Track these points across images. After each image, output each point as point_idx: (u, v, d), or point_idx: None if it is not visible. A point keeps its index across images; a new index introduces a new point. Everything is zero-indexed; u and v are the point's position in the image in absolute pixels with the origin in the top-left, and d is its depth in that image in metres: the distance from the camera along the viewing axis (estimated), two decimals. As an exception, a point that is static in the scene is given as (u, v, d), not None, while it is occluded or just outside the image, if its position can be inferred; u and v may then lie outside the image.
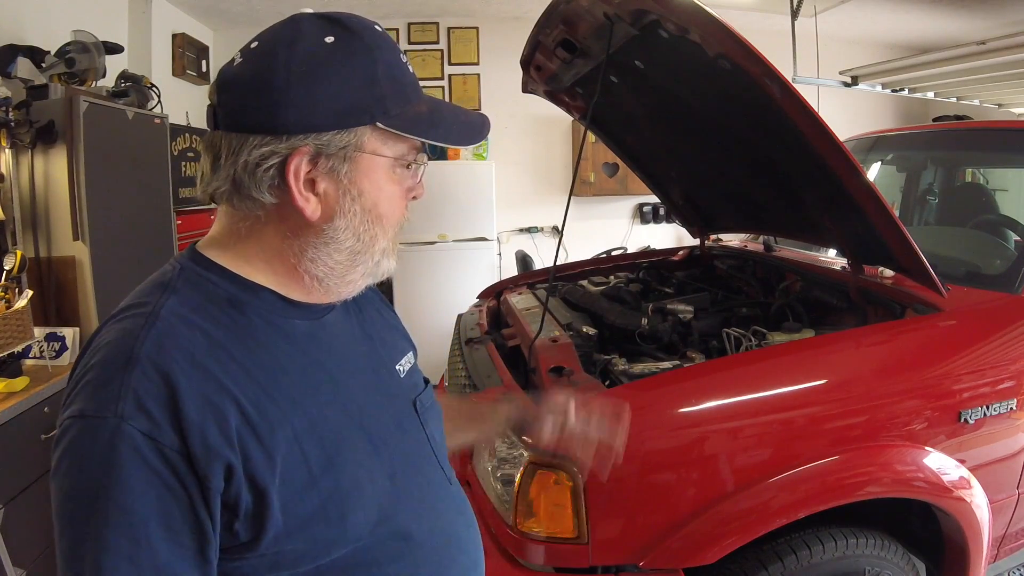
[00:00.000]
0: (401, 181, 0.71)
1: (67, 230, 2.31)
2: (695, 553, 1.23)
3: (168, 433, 0.56)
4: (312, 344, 0.70)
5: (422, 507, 0.75)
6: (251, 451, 0.60)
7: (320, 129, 0.64)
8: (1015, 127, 2.29)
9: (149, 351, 0.58)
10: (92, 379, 0.59)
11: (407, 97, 0.68)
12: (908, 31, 4.77)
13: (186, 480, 0.57)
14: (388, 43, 0.69)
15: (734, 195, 2.29)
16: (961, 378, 1.42)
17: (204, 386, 0.59)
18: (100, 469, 0.55)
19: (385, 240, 0.71)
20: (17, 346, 2.03)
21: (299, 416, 0.65)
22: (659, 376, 1.44)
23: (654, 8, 1.40)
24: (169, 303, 0.63)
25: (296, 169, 0.64)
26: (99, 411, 0.56)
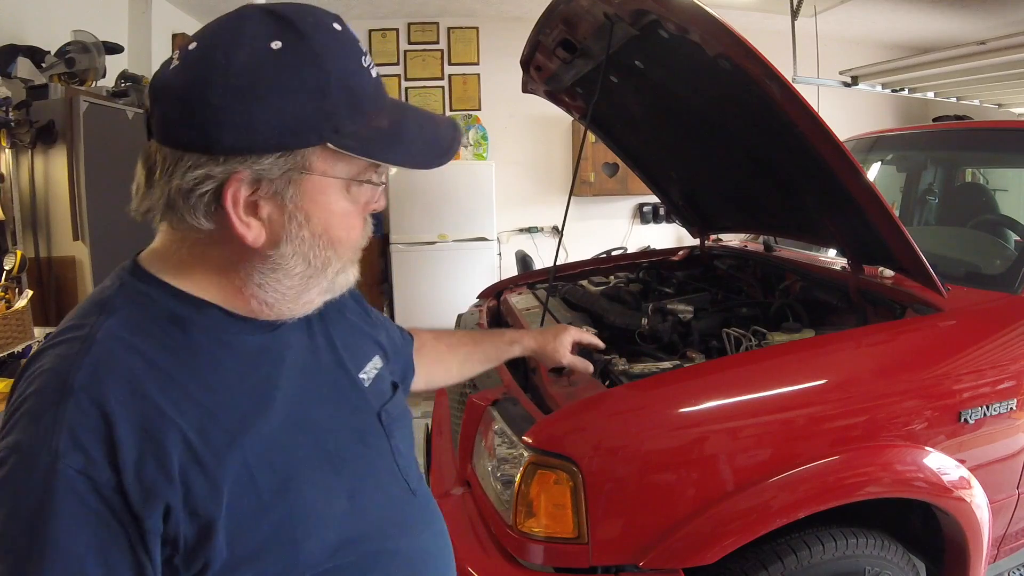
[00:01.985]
0: (356, 200, 0.65)
1: (67, 230, 2.31)
2: (695, 553, 1.23)
3: (104, 471, 0.53)
4: (264, 359, 0.65)
5: (386, 524, 0.71)
6: (194, 484, 0.56)
7: (261, 151, 0.57)
8: (1015, 127, 2.29)
9: (84, 381, 0.54)
10: (27, 410, 0.55)
11: (364, 110, 0.61)
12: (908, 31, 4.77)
13: (123, 518, 0.53)
14: (346, 46, 0.61)
15: (734, 195, 2.29)
16: (961, 378, 1.42)
17: (143, 418, 0.55)
18: (35, 506, 0.52)
19: (340, 261, 0.66)
20: (17, 346, 2.03)
21: (250, 438, 0.60)
22: (659, 376, 1.44)
23: (654, 8, 1.40)
24: (107, 324, 0.58)
25: (234, 195, 0.58)
26: (33, 446, 0.53)
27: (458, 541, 1.40)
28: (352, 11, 4.77)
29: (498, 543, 1.33)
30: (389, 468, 0.75)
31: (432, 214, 4.42)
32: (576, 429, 1.27)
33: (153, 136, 0.60)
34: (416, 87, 5.06)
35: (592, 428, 1.27)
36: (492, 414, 1.44)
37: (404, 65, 5.03)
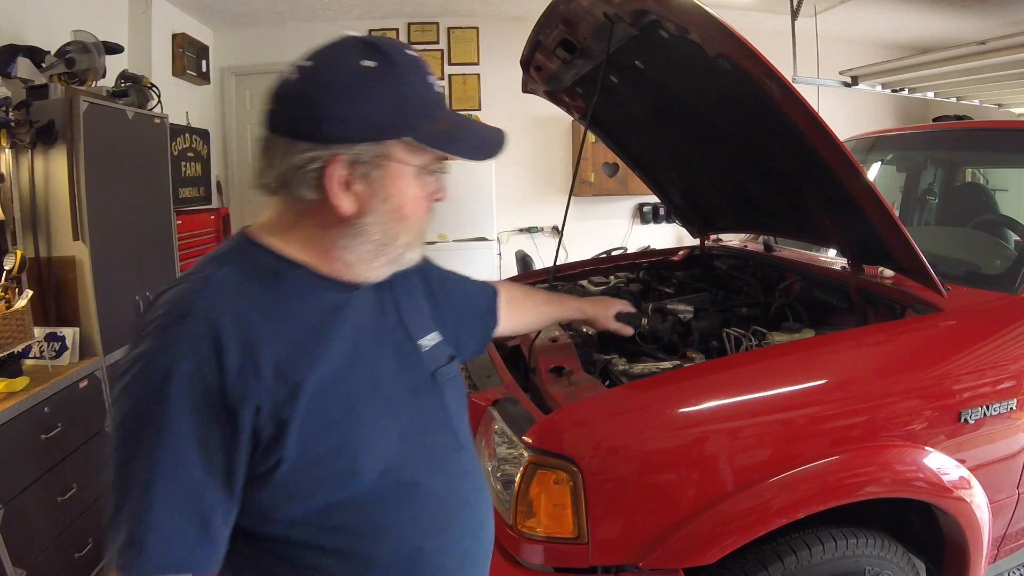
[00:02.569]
0: (425, 186, 0.82)
1: (67, 230, 2.31)
2: (695, 553, 1.23)
3: (212, 373, 0.69)
4: (340, 314, 0.82)
5: (429, 465, 0.85)
6: (278, 393, 0.72)
7: (356, 141, 0.75)
8: (1015, 127, 2.29)
9: (201, 306, 0.72)
10: (154, 328, 0.71)
11: (431, 114, 0.79)
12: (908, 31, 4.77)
13: (222, 413, 0.70)
14: (417, 67, 0.80)
15: (734, 195, 2.29)
16: (961, 378, 1.42)
17: (244, 337, 0.72)
18: (155, 397, 0.68)
19: (408, 236, 0.82)
20: (17, 346, 2.03)
21: (323, 371, 0.76)
22: (659, 376, 1.44)
23: (654, 8, 1.40)
24: (220, 272, 0.76)
25: (333, 173, 0.75)
26: (158, 352, 0.70)
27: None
28: (352, 11, 4.77)
29: (498, 543, 1.33)
30: (439, 420, 0.90)
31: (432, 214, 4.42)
32: (576, 429, 1.27)
33: (273, 129, 0.77)
34: (416, 87, 5.06)
35: (592, 428, 1.27)
36: (492, 414, 1.44)
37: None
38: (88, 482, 2.22)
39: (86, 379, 2.27)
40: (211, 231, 3.56)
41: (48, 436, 2.02)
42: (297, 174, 0.75)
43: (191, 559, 0.70)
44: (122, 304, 2.57)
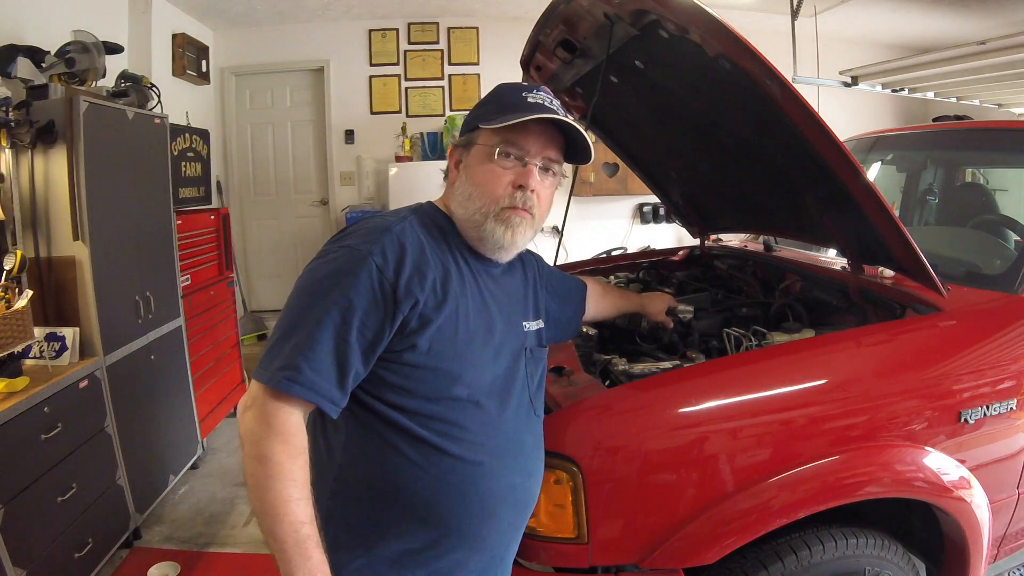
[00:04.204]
0: (501, 165, 1.06)
1: (67, 230, 2.31)
2: (695, 553, 1.23)
3: (391, 270, 0.98)
4: (480, 276, 1.11)
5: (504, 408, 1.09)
6: (431, 299, 1.00)
7: (463, 133, 1.13)
8: (1015, 127, 2.29)
9: (397, 229, 1.03)
10: (363, 232, 1.03)
11: (505, 111, 1.05)
12: (908, 31, 4.77)
13: (390, 303, 0.97)
14: (518, 87, 1.11)
15: (734, 195, 2.29)
16: (961, 378, 1.42)
17: (418, 258, 1.01)
18: (349, 271, 0.97)
19: (480, 202, 1.07)
20: (17, 346, 2.03)
21: (462, 305, 1.04)
22: (659, 376, 1.44)
23: (654, 8, 1.40)
24: (411, 217, 1.09)
25: (452, 154, 1.15)
26: (360, 246, 0.99)
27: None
28: (352, 11, 4.77)
29: (498, 543, 1.33)
30: (522, 382, 1.15)
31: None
32: (576, 429, 1.27)
33: None
34: (416, 87, 5.06)
35: (592, 428, 1.27)
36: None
37: (404, 65, 5.03)
38: (88, 482, 2.22)
39: (86, 379, 2.27)
40: (211, 231, 3.56)
41: (48, 436, 2.02)
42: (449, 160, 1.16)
43: (326, 394, 0.94)
44: (122, 304, 2.57)
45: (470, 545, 1.05)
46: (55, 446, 2.06)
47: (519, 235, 1.08)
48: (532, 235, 1.12)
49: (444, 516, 1.02)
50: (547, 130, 1.08)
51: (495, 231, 1.06)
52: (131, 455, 2.50)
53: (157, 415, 2.82)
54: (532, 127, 1.05)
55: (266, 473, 0.90)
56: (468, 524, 1.04)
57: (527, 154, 1.06)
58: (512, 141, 1.05)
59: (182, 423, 3.06)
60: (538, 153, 1.07)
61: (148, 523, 2.70)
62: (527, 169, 1.06)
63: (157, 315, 2.81)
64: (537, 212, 1.09)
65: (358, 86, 5.00)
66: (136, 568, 2.42)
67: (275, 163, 5.20)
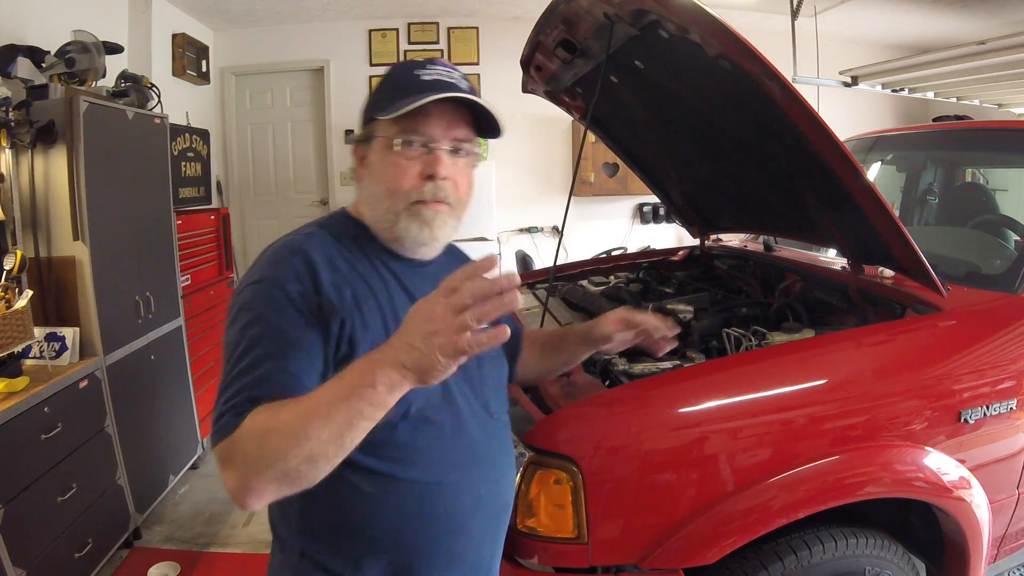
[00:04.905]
0: (404, 155, 0.95)
1: (67, 230, 2.30)
2: (695, 553, 1.23)
3: (311, 293, 0.89)
4: (408, 282, 1.00)
5: (457, 417, 0.99)
6: (354, 320, 0.91)
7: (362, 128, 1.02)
8: (1015, 127, 2.29)
9: (305, 248, 0.93)
10: (266, 261, 0.93)
11: (398, 95, 0.94)
12: (908, 31, 4.77)
13: (321, 324, 0.88)
14: (406, 66, 1.00)
15: (734, 195, 2.29)
16: (961, 378, 1.42)
17: (333, 276, 0.92)
18: (267, 307, 0.87)
19: (389, 200, 0.97)
20: (17, 346, 2.03)
21: (388, 315, 0.95)
22: (659, 376, 1.44)
23: (654, 8, 1.40)
24: (320, 232, 0.99)
25: (354, 151, 1.04)
26: (268, 277, 0.90)
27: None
28: (352, 11, 4.76)
29: (498, 543, 1.33)
30: (473, 386, 1.04)
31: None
32: (576, 429, 1.27)
33: None
34: (416, 87, 5.06)
35: (592, 428, 1.27)
36: (492, 414, 1.44)
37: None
38: (88, 482, 2.22)
39: (86, 379, 2.27)
40: (211, 231, 3.56)
41: (48, 436, 2.02)
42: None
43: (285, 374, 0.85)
44: (122, 304, 2.57)
45: (445, 564, 1.00)
46: (55, 446, 2.06)
47: (438, 229, 0.98)
48: (455, 225, 1.01)
49: (411, 543, 0.97)
50: (451, 108, 0.97)
51: (410, 229, 0.97)
52: (131, 455, 2.50)
53: (157, 415, 2.83)
54: (433, 108, 0.94)
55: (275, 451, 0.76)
56: (439, 545, 0.99)
57: (431, 139, 0.96)
58: (413, 128, 0.94)
59: (182, 423, 3.06)
60: (444, 136, 0.96)
61: (148, 523, 2.70)
62: (434, 156, 0.96)
63: (157, 315, 2.81)
64: (455, 200, 0.99)
65: (358, 86, 5.00)
66: (136, 568, 2.42)
67: (275, 163, 5.20)
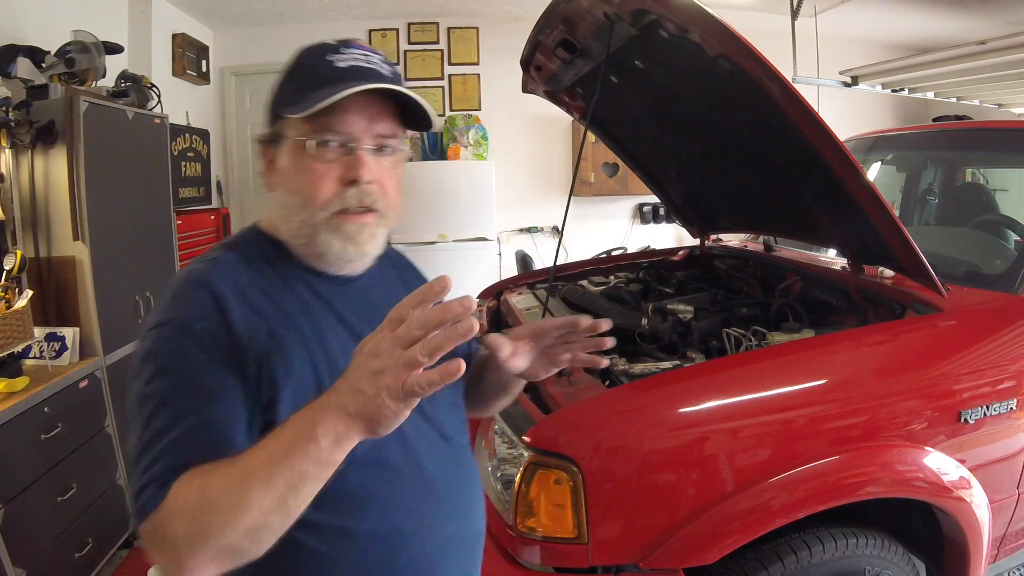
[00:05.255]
0: (320, 159, 0.82)
1: (67, 230, 2.30)
2: (695, 553, 1.23)
3: (222, 332, 0.75)
4: (336, 301, 0.87)
5: (408, 451, 0.86)
6: (272, 358, 0.77)
7: (269, 124, 0.87)
8: (1015, 127, 2.29)
9: (209, 279, 0.79)
10: (171, 296, 0.79)
11: (311, 88, 0.80)
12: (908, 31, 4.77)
13: (234, 363, 0.75)
14: (317, 49, 0.84)
15: (734, 195, 2.29)
16: (961, 378, 1.42)
17: (245, 307, 0.78)
18: (173, 355, 0.74)
19: (304, 212, 0.83)
20: (17, 346, 2.03)
21: (316, 347, 0.81)
22: (659, 376, 1.44)
23: (654, 8, 1.40)
24: (228, 255, 0.85)
25: (261, 153, 0.88)
26: (174, 319, 0.76)
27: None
28: (352, 11, 4.76)
29: (498, 543, 1.33)
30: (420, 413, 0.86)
31: (432, 214, 4.42)
32: (576, 429, 1.27)
33: None
34: (416, 87, 5.05)
35: (592, 428, 1.27)
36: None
37: (404, 65, 5.02)
38: (88, 482, 2.22)
39: (86, 379, 2.27)
40: (211, 231, 3.56)
41: (48, 436, 2.02)
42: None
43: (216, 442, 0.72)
44: (122, 304, 2.57)
45: None
46: (55, 446, 2.06)
47: (365, 243, 0.85)
48: (384, 235, 0.88)
49: None
50: (372, 99, 0.83)
51: (331, 244, 0.83)
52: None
53: (157, 415, 2.82)
54: (352, 102, 0.80)
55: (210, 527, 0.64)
56: None
57: (351, 138, 0.82)
58: (328, 126, 0.80)
59: (182, 423, 3.06)
60: (365, 132, 0.82)
61: (148, 523, 2.69)
62: (356, 157, 0.82)
63: (157, 315, 2.81)
64: (383, 205, 0.85)
65: (358, 86, 5.00)
66: (136, 568, 2.41)
67: (275, 163, 5.20)
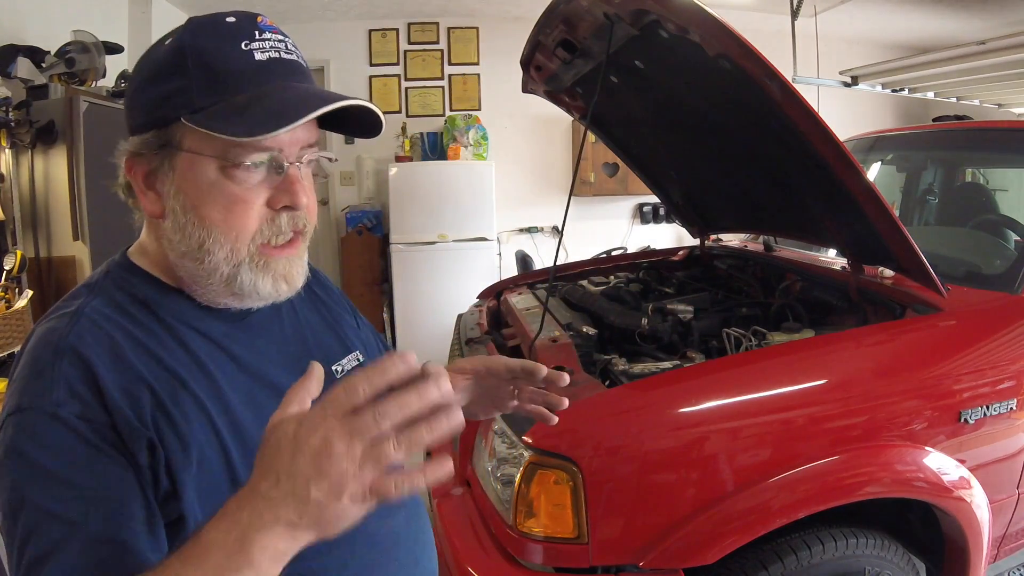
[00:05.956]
0: (243, 182, 0.64)
1: (67, 230, 2.31)
2: (695, 553, 1.23)
3: (99, 412, 0.59)
4: (232, 343, 0.71)
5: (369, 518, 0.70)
6: (166, 436, 0.61)
7: (141, 130, 0.66)
8: (1015, 127, 2.29)
9: (73, 343, 0.61)
10: (25, 375, 0.61)
11: (224, 88, 0.62)
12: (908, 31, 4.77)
13: (119, 449, 0.59)
14: (223, 32, 0.64)
15: (734, 195, 2.29)
16: (961, 378, 1.42)
17: (121, 375, 0.61)
18: (41, 451, 0.57)
19: (225, 249, 0.65)
20: (17, 346, 2.03)
21: (218, 409, 0.65)
22: (659, 376, 1.44)
23: (654, 8, 1.40)
24: (92, 303, 0.66)
25: (132, 168, 0.67)
26: (35, 402, 0.59)
27: (458, 541, 1.41)
28: (352, 11, 4.76)
29: (498, 543, 1.33)
30: None
31: (432, 214, 4.42)
32: (576, 429, 1.27)
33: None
34: (416, 87, 5.06)
35: (592, 428, 1.27)
36: (492, 414, 1.44)
37: (404, 65, 5.02)
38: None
39: (86, 379, 2.27)
40: (211, 231, 3.56)
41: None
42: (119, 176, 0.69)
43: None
44: (122, 304, 2.57)
45: None
46: (55, 446, 2.06)
47: (296, 278, 0.71)
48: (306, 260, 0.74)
49: None
50: None
51: (257, 285, 0.67)
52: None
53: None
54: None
55: None
56: None
57: (279, 152, 0.65)
58: (255, 142, 0.62)
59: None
60: (293, 143, 0.66)
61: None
62: (287, 177, 0.66)
63: (157, 315, 2.81)
64: (310, 227, 0.71)
65: (358, 86, 5.00)
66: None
67: (275, 163, 5.20)
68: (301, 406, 0.51)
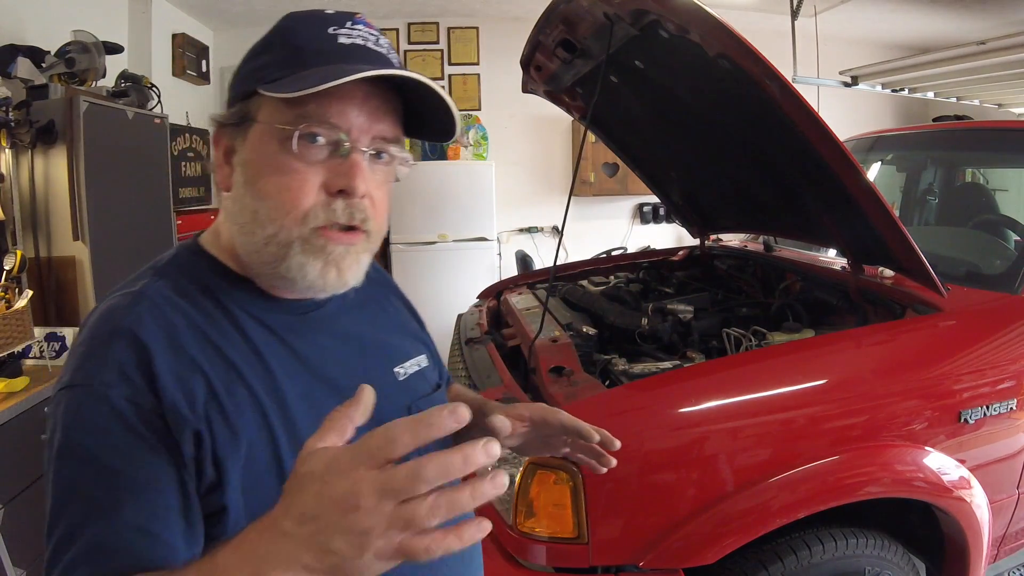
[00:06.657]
0: (303, 157, 0.63)
1: (67, 230, 2.31)
2: (695, 553, 1.23)
3: (147, 396, 0.58)
4: (294, 338, 0.70)
5: None
6: (215, 425, 0.60)
7: (229, 104, 0.68)
8: (1015, 127, 2.29)
9: (132, 324, 0.61)
10: (81, 352, 0.61)
11: (302, 63, 0.62)
12: (908, 31, 4.77)
13: (163, 437, 0.58)
14: (315, 16, 0.67)
15: (734, 195, 2.29)
16: (961, 378, 1.42)
17: (177, 361, 0.61)
18: (84, 431, 0.57)
19: (274, 225, 0.64)
20: (17, 346, 2.03)
21: (272, 403, 0.64)
22: (659, 376, 1.44)
23: (654, 8, 1.40)
24: (156, 284, 0.65)
25: (216, 141, 0.69)
26: (86, 380, 0.59)
27: (458, 541, 1.40)
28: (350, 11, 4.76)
29: (498, 543, 1.33)
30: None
31: (432, 214, 4.42)
32: (576, 429, 1.27)
33: None
34: (416, 87, 5.07)
35: (592, 428, 1.27)
36: (492, 414, 1.44)
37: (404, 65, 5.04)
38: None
39: (86, 379, 2.27)
40: (211, 231, 3.56)
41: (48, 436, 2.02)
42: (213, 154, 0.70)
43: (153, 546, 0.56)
44: (122, 304, 2.57)
45: None
46: (55, 446, 2.06)
47: (348, 271, 0.67)
48: (368, 263, 0.71)
49: None
50: (378, 91, 0.66)
51: (306, 269, 0.65)
52: (131, 455, 2.50)
53: (157, 415, 2.82)
54: (354, 89, 0.63)
55: None
56: None
57: (347, 134, 0.64)
58: (320, 115, 0.62)
59: (182, 423, 3.06)
60: (364, 131, 0.65)
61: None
62: (350, 161, 0.64)
63: (157, 315, 2.81)
64: (373, 226, 0.67)
65: (358, 86, 5.01)
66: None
67: (275, 163, 5.20)
68: (340, 435, 0.47)
